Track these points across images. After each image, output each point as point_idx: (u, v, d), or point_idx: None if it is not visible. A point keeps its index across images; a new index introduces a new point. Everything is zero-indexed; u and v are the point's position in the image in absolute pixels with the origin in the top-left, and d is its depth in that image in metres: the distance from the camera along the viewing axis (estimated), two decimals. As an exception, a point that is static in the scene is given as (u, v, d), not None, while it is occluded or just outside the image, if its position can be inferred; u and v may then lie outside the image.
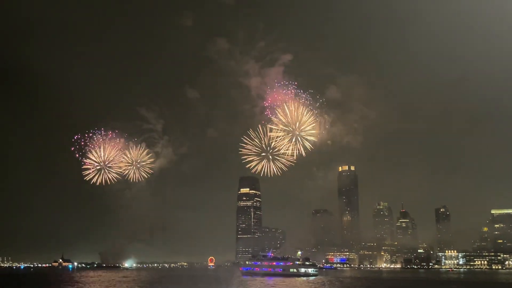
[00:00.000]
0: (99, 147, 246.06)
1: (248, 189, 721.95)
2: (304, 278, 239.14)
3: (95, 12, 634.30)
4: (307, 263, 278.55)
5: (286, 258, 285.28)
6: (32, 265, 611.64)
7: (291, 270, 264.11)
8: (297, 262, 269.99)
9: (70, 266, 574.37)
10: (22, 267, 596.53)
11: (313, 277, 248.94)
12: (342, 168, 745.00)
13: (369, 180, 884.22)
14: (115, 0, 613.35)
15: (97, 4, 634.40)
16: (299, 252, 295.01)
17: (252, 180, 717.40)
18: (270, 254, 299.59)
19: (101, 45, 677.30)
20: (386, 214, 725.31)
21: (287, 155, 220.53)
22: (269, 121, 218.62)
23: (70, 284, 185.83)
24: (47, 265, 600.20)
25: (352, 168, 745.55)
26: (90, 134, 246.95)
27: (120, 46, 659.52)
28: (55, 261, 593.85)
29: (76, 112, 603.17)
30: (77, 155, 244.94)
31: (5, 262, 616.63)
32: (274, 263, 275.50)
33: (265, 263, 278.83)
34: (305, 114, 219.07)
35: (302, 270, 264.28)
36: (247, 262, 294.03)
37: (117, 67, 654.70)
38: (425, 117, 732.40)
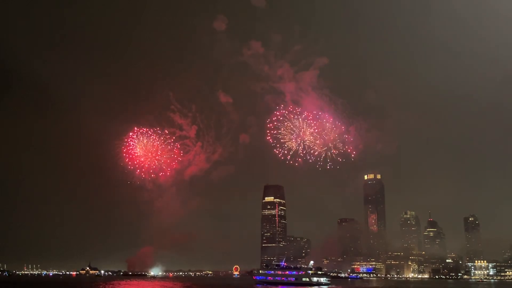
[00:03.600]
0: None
1: (273, 197, 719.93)
2: (316, 287, 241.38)
3: (126, 15, 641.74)
4: (319, 272, 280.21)
5: (298, 267, 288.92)
6: (60, 273, 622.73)
7: (304, 279, 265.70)
8: (310, 272, 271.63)
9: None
10: (51, 274, 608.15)
11: (325, 286, 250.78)
12: (368, 176, 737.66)
13: (396, 189, 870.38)
14: (148, 4, 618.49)
15: (129, 7, 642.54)
16: (312, 262, 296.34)
17: (277, 188, 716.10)
18: (283, 263, 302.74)
19: (132, 50, 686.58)
20: (413, 223, 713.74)
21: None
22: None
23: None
24: (75, 273, 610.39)
25: (378, 176, 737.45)
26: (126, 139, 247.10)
27: (151, 51, 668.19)
28: (83, 269, 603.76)
29: (107, 120, 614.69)
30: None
31: (34, 269, 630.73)
32: (287, 272, 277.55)
33: (278, 272, 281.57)
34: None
35: (315, 279, 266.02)
36: (260, 271, 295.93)
37: (149, 73, 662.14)
38: (459, 122, 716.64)
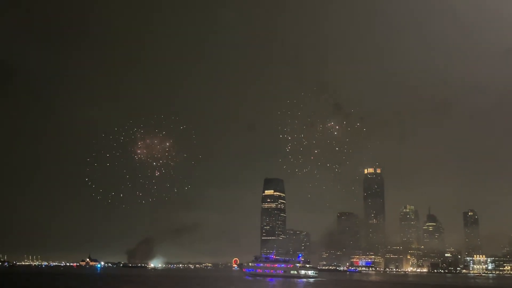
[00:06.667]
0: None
1: (273, 190, 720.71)
2: (304, 280, 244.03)
3: (132, 6, 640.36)
4: (308, 265, 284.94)
5: (287, 260, 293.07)
6: (61, 264, 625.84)
7: (292, 272, 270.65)
8: (298, 265, 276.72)
9: (98, 265, 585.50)
10: (51, 265, 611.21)
11: (313, 279, 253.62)
12: (368, 170, 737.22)
13: (396, 183, 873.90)
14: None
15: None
16: (300, 254, 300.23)
17: (277, 181, 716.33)
18: (272, 256, 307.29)
19: (139, 39, 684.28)
20: (413, 217, 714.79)
21: None
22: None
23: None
24: (76, 264, 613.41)
25: (378, 170, 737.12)
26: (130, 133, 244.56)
27: (159, 40, 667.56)
28: (83, 260, 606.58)
29: (109, 112, 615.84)
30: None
31: (35, 260, 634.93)
32: (276, 265, 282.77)
33: (267, 264, 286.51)
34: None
35: (303, 272, 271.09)
36: (250, 264, 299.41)
37: (155, 63, 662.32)
38: (461, 118, 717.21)
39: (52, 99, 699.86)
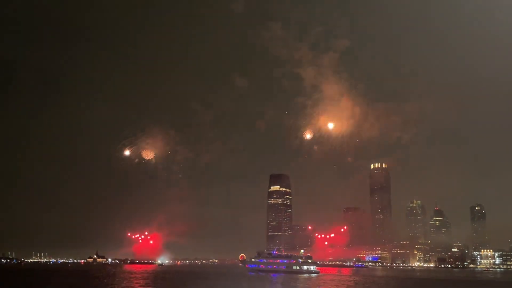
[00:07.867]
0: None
1: (279, 186, 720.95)
2: (306, 275, 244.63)
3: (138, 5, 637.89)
4: (309, 261, 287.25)
5: (289, 256, 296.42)
6: (69, 261, 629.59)
7: (294, 267, 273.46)
8: (300, 260, 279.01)
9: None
10: (59, 262, 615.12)
11: (315, 274, 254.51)
12: (374, 165, 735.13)
13: (402, 178, 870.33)
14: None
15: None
16: (302, 251, 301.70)
17: (283, 177, 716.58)
18: (275, 252, 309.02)
19: (145, 32, 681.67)
20: (420, 212, 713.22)
21: None
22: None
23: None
24: (83, 261, 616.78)
25: (385, 165, 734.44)
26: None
27: (166, 33, 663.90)
28: (90, 257, 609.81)
29: (114, 112, 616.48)
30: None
31: (43, 257, 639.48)
32: (278, 261, 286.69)
33: (270, 260, 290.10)
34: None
35: (305, 267, 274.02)
36: (253, 260, 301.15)
37: (164, 56, 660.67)
38: (469, 111, 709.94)
39: (55, 98, 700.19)
